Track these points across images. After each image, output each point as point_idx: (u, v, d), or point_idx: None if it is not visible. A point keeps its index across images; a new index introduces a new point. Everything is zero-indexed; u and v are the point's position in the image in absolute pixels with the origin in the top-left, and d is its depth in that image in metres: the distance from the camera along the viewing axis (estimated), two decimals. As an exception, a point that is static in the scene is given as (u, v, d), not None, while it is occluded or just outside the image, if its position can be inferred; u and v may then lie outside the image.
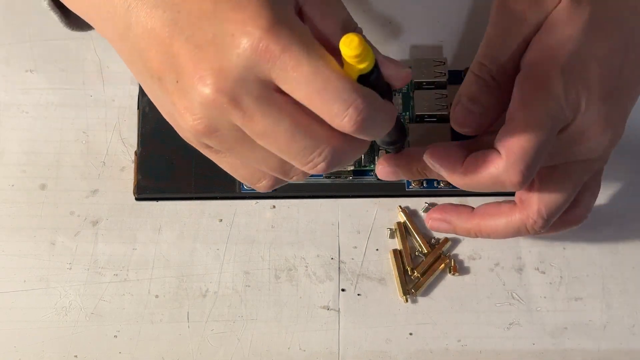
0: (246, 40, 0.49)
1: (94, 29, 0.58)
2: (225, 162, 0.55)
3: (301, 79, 0.49)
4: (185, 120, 0.51)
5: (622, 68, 0.61)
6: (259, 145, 0.52)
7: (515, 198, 0.63)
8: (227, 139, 0.52)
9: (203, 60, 0.50)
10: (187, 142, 0.54)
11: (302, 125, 0.50)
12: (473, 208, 0.65)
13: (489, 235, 0.64)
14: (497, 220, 0.63)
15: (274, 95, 0.50)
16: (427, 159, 0.61)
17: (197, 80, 0.50)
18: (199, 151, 0.55)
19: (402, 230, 0.69)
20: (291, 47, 0.49)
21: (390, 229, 0.69)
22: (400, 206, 0.69)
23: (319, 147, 0.51)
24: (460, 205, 0.65)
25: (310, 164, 0.51)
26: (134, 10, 0.52)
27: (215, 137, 0.52)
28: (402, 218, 0.69)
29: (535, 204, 0.62)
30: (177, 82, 0.51)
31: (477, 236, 0.65)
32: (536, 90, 0.58)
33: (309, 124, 0.51)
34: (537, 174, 0.61)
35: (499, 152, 0.58)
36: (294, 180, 0.55)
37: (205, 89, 0.50)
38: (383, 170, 0.64)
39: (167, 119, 0.54)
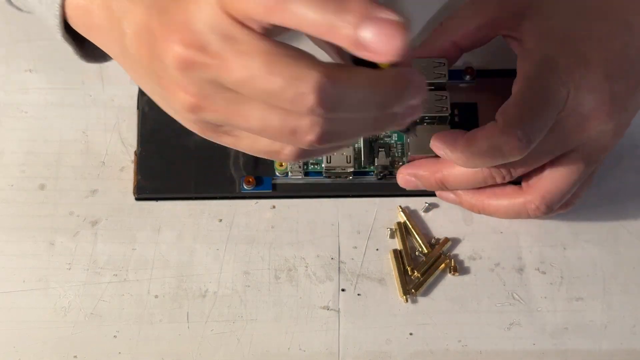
0: None
1: (108, 60, 0.58)
2: (241, 142, 0.52)
3: None
4: (179, 98, 0.49)
5: (625, 50, 0.62)
6: (252, 102, 0.48)
7: (522, 182, 0.66)
8: (220, 103, 0.48)
9: (169, 23, 0.48)
10: (198, 133, 0.52)
11: (275, 54, 0.46)
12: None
13: (490, 213, 0.67)
14: (500, 200, 0.66)
15: (242, 31, 0.47)
16: (432, 143, 0.63)
17: (167, 45, 0.48)
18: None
19: (402, 230, 0.69)
20: None
21: (390, 229, 0.69)
22: (400, 206, 0.69)
23: (303, 72, 0.46)
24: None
25: (300, 96, 0.46)
26: (124, 16, 0.51)
27: (209, 105, 0.49)
28: (402, 218, 0.69)
29: (540, 190, 0.64)
30: (161, 62, 0.49)
31: (479, 212, 0.67)
32: (532, 66, 0.61)
33: (283, 51, 0.46)
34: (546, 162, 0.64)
35: (496, 121, 0.61)
36: (307, 141, 0.48)
37: (175, 49, 0.48)
38: (404, 178, 0.67)
39: (173, 116, 0.52)
